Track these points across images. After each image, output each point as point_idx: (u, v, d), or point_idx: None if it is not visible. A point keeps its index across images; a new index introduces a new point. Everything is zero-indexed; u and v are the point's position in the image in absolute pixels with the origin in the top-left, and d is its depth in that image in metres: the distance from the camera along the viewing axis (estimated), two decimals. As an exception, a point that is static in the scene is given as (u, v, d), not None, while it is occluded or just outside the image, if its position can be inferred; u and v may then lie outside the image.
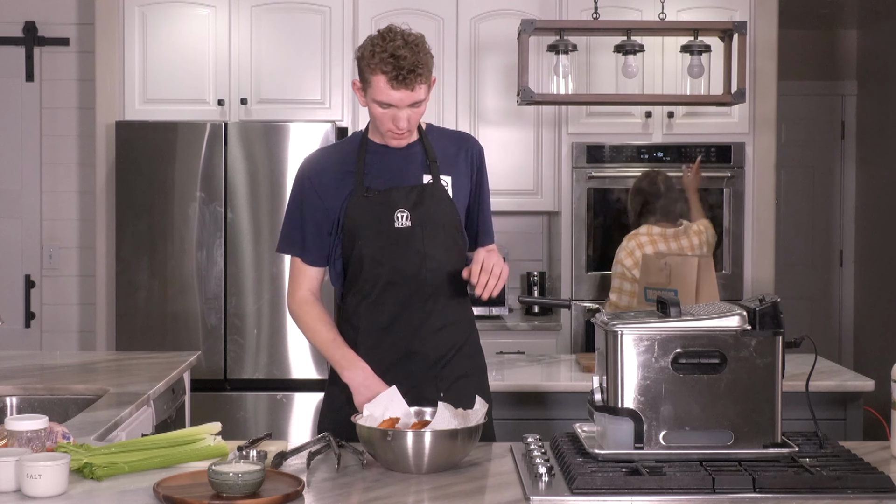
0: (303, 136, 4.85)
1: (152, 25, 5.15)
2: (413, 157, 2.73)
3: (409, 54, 2.54)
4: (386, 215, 2.68)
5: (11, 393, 3.34)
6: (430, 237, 2.69)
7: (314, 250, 2.75)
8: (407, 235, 2.69)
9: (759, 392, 2.24)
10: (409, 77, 2.55)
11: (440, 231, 2.70)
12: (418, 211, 2.69)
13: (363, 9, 5.18)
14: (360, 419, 2.40)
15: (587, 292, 5.21)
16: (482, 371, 2.85)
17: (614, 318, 2.31)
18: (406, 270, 2.69)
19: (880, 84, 7.03)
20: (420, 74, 2.56)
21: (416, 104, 2.60)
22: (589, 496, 2.07)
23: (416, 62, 2.55)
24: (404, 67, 2.54)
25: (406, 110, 2.61)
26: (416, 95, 2.58)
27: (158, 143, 4.89)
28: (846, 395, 3.66)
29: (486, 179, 2.85)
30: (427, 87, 2.61)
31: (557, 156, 5.28)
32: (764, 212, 5.30)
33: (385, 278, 2.70)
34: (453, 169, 2.75)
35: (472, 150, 2.81)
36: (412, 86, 2.56)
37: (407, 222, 2.68)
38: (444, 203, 2.71)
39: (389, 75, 2.55)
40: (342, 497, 2.13)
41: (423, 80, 2.58)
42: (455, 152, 2.78)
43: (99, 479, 2.19)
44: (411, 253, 2.69)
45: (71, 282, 5.65)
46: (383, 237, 2.69)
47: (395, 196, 2.69)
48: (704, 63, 4.44)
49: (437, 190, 2.71)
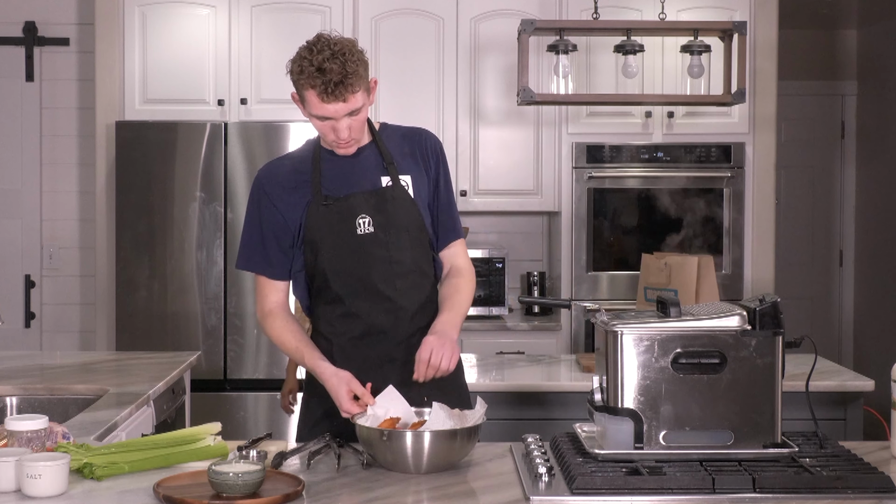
0: (303, 136, 4.85)
1: (152, 25, 5.16)
2: (369, 161, 2.67)
3: (336, 66, 2.47)
4: (347, 223, 2.62)
5: (11, 393, 3.34)
6: (395, 241, 2.63)
7: (277, 265, 2.67)
8: (371, 242, 2.62)
9: (759, 392, 2.24)
10: (338, 89, 2.49)
11: (404, 234, 2.64)
12: (380, 215, 2.63)
13: (363, 9, 5.18)
14: (360, 419, 2.40)
15: (587, 292, 5.22)
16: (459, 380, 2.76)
17: (614, 318, 2.31)
18: (373, 277, 2.63)
19: (880, 84, 7.03)
20: (350, 84, 2.49)
21: (355, 112, 2.54)
22: (589, 496, 2.07)
23: (343, 73, 2.48)
24: (332, 80, 2.47)
25: (345, 120, 2.55)
26: (350, 105, 2.52)
27: (158, 143, 4.90)
28: (846, 395, 3.66)
29: (445, 173, 2.75)
30: (364, 92, 2.54)
31: (557, 156, 5.28)
32: (764, 212, 5.30)
33: (353, 287, 2.63)
34: (411, 167, 2.69)
35: (428, 144, 2.73)
36: (343, 97, 2.50)
37: (370, 228, 2.62)
38: (407, 205, 2.65)
39: (319, 90, 2.49)
40: (342, 497, 2.13)
41: (354, 89, 2.50)
42: (411, 150, 2.71)
43: (99, 479, 2.19)
44: (377, 259, 2.62)
45: (71, 282, 5.65)
46: (346, 246, 2.62)
47: (355, 202, 2.62)
48: (704, 63, 4.44)
49: (397, 192, 2.65)
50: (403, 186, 2.66)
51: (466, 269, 2.76)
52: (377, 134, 2.70)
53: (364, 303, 2.64)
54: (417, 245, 2.67)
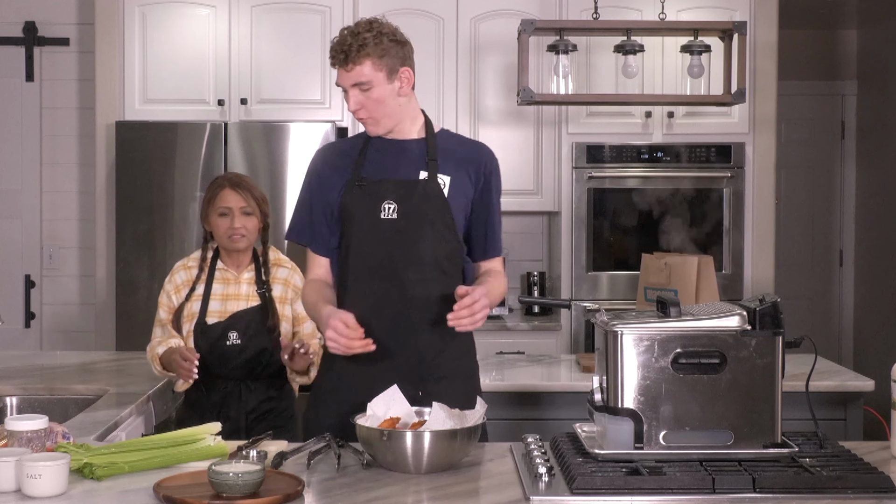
0: (303, 136, 4.85)
1: (152, 25, 5.16)
2: (413, 153, 2.73)
3: (348, 37, 2.63)
4: (374, 206, 2.67)
5: (11, 393, 3.34)
6: (416, 232, 2.66)
7: (320, 240, 2.77)
8: (391, 228, 2.66)
9: (759, 392, 2.24)
10: (340, 56, 2.63)
11: (427, 227, 2.67)
12: (406, 204, 2.66)
13: (363, 9, 5.18)
14: (360, 419, 2.40)
15: (587, 292, 5.22)
16: (469, 376, 2.78)
17: (614, 318, 2.31)
18: (387, 263, 2.66)
19: (880, 84, 7.03)
20: (354, 55, 2.61)
21: (361, 85, 2.63)
22: (589, 496, 2.07)
23: (350, 43, 2.61)
24: (340, 49, 2.63)
25: (353, 92, 2.65)
26: (353, 76, 2.63)
27: (158, 143, 4.90)
28: (846, 395, 3.66)
29: (494, 193, 2.80)
30: (376, 70, 2.62)
31: (557, 156, 5.28)
32: (764, 212, 5.30)
33: (366, 270, 2.68)
34: (455, 172, 2.72)
35: (483, 159, 2.78)
36: (346, 64, 2.63)
37: (393, 214, 2.67)
38: (436, 200, 2.68)
39: (330, 55, 2.67)
40: (342, 497, 2.13)
41: (357, 60, 2.61)
42: (463, 157, 2.76)
43: (99, 479, 2.19)
44: (394, 246, 2.66)
45: (71, 282, 5.65)
46: (368, 227, 2.67)
47: (385, 187, 2.68)
48: (704, 63, 4.44)
49: (429, 186, 2.68)
50: (438, 184, 2.70)
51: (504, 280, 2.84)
52: (431, 131, 2.76)
53: (374, 288, 2.68)
54: (441, 240, 2.69)
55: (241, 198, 3.35)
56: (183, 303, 3.37)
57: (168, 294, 3.41)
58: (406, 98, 2.71)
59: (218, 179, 3.44)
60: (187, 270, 3.42)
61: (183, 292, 3.39)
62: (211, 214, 3.38)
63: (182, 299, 3.37)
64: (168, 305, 3.41)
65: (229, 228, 3.34)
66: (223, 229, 3.35)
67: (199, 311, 3.35)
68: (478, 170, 2.76)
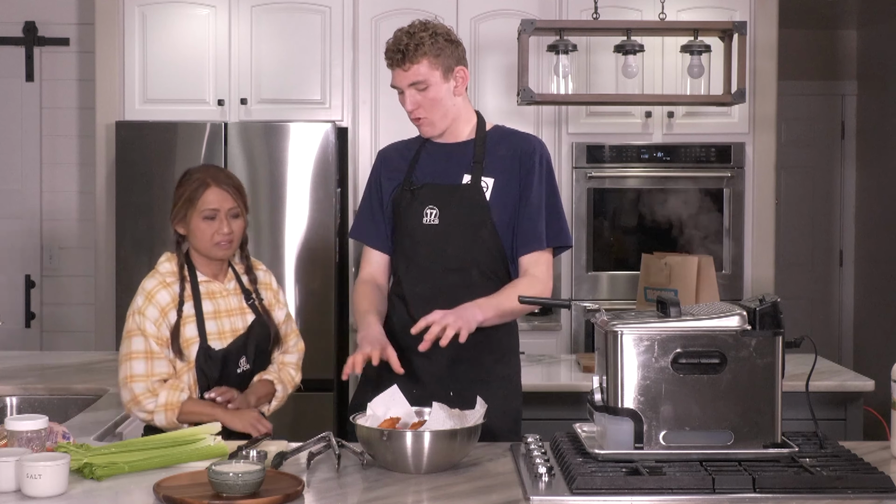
0: (303, 136, 4.85)
1: (152, 25, 5.15)
2: (461, 156, 2.76)
3: (404, 37, 2.66)
4: (417, 211, 2.73)
5: (11, 393, 3.34)
6: (457, 237, 2.70)
7: (377, 235, 2.84)
8: (432, 233, 2.71)
9: (759, 392, 2.24)
10: (397, 56, 2.66)
11: (468, 232, 2.70)
12: (447, 210, 2.71)
13: (363, 9, 5.18)
14: (361, 419, 2.40)
15: (587, 292, 5.22)
16: (506, 379, 2.77)
17: (614, 318, 2.31)
18: (428, 268, 2.72)
19: (880, 84, 7.03)
20: (411, 54, 2.64)
21: (417, 85, 2.67)
22: (589, 496, 2.07)
23: (407, 43, 2.65)
24: (396, 48, 2.67)
25: (410, 92, 2.68)
26: (411, 76, 2.66)
27: (158, 143, 4.89)
28: (846, 395, 3.66)
29: (540, 181, 2.73)
30: (432, 69, 2.66)
31: (557, 156, 5.28)
32: (764, 212, 5.30)
33: (410, 273, 2.74)
34: (500, 170, 2.73)
35: (526, 148, 2.75)
36: (403, 64, 2.66)
37: (435, 220, 2.71)
38: (477, 205, 2.70)
39: (386, 56, 2.70)
40: (342, 497, 2.13)
41: (414, 59, 2.65)
42: (508, 151, 2.76)
43: (99, 479, 2.19)
44: (434, 250, 2.71)
45: (71, 282, 5.65)
46: (412, 231, 2.73)
47: (428, 193, 2.73)
48: (704, 63, 4.44)
49: (472, 191, 2.71)
50: (482, 188, 2.71)
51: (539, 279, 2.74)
52: (481, 132, 2.78)
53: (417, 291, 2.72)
54: (481, 245, 2.71)
55: (228, 197, 2.84)
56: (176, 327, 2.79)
57: (152, 322, 2.77)
58: (461, 98, 2.75)
59: (196, 175, 2.88)
60: (168, 288, 2.83)
61: (171, 315, 2.79)
62: (192, 217, 2.85)
63: (172, 324, 2.78)
64: (156, 336, 2.76)
65: (217, 234, 2.83)
66: (208, 235, 2.83)
67: (199, 336, 2.80)
68: (521, 164, 2.73)
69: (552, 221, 2.75)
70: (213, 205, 2.83)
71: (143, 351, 2.74)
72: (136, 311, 2.78)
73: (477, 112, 2.83)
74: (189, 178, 2.89)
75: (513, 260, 2.76)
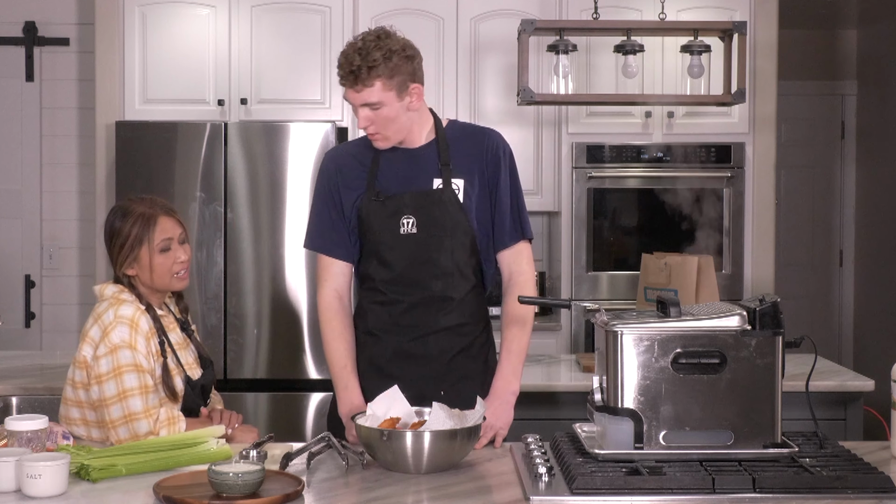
0: (303, 136, 4.85)
1: (152, 25, 5.15)
2: (426, 160, 2.72)
3: (356, 57, 2.56)
4: (392, 221, 2.68)
5: (11, 393, 3.34)
6: (437, 243, 2.68)
7: (339, 244, 2.74)
8: (413, 242, 2.68)
9: (759, 392, 2.24)
10: (350, 78, 2.58)
11: (447, 237, 2.69)
12: (424, 217, 2.68)
13: (363, 9, 5.18)
14: (361, 419, 2.40)
15: (587, 292, 5.22)
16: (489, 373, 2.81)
17: (614, 318, 2.31)
18: (412, 276, 2.69)
19: (880, 84, 7.03)
20: (363, 77, 2.56)
21: (371, 105, 2.60)
22: (589, 496, 2.07)
23: (360, 65, 2.55)
24: (347, 69, 2.58)
25: (363, 111, 2.62)
26: (364, 97, 2.59)
27: (158, 143, 4.89)
28: (846, 395, 3.66)
29: (507, 176, 2.76)
30: (385, 90, 2.58)
31: (557, 156, 5.28)
32: (764, 212, 5.30)
33: (392, 282, 2.71)
34: (467, 169, 2.72)
35: (489, 144, 2.75)
36: (355, 86, 2.58)
37: (413, 229, 2.68)
38: (453, 209, 2.69)
39: (338, 75, 2.62)
40: (342, 497, 2.13)
41: (367, 82, 2.57)
42: (471, 150, 2.74)
43: (94, 481, 2.19)
44: (417, 260, 2.69)
45: (71, 282, 5.65)
46: (389, 243, 2.69)
47: (402, 202, 2.68)
48: (704, 63, 4.43)
49: (446, 195, 2.69)
50: (453, 190, 2.70)
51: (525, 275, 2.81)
52: (441, 133, 2.74)
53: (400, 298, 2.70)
54: (459, 248, 2.71)
55: (176, 223, 2.77)
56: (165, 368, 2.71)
57: (145, 355, 2.66)
58: (416, 111, 2.69)
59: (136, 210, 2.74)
60: (144, 315, 2.71)
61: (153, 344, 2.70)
62: (144, 254, 2.72)
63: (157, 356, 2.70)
64: (151, 370, 2.66)
65: (175, 263, 2.75)
66: (167, 267, 2.73)
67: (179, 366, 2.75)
68: (486, 160, 2.74)
69: (521, 214, 2.81)
70: (167, 234, 2.74)
71: (139, 387, 2.62)
72: (122, 344, 2.62)
73: (431, 110, 2.78)
74: (127, 216, 2.75)
75: (487, 257, 2.77)
